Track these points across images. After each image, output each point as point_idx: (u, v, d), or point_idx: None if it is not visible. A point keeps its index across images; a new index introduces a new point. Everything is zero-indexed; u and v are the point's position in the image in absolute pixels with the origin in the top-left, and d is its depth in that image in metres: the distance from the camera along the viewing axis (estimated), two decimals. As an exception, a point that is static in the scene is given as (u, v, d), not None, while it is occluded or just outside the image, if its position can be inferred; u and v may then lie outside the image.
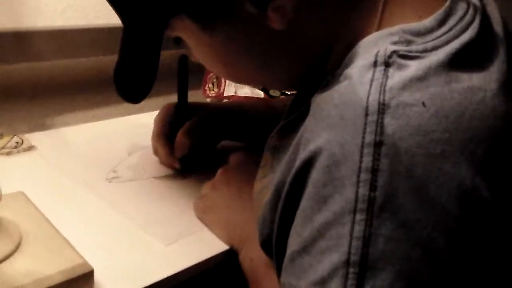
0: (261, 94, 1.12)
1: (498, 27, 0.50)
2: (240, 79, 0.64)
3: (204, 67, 0.87)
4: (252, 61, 0.56)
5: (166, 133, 0.81)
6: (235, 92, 1.11)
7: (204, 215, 0.70)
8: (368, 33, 0.48)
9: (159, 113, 0.84)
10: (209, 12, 0.52)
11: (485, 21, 0.48)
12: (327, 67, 0.54)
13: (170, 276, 0.60)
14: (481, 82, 0.43)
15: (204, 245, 0.66)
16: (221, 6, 0.51)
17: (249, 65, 0.57)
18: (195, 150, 0.81)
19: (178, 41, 0.58)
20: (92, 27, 1.00)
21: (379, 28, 0.48)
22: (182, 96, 0.83)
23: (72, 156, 0.83)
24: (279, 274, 0.47)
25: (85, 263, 0.54)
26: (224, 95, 1.11)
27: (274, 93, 1.12)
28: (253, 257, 0.61)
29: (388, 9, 0.49)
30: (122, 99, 0.63)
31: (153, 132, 0.82)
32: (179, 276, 0.61)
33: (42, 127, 0.93)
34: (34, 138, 0.86)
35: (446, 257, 0.39)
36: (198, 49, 0.58)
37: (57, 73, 0.99)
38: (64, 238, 0.58)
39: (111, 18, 0.91)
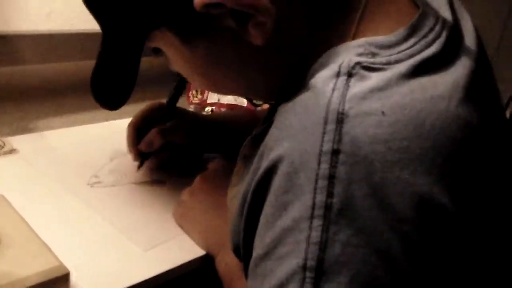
0: (244, 102, 1.13)
1: (470, 41, 0.51)
2: (219, 90, 0.65)
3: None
4: (231, 74, 0.57)
5: (138, 125, 0.82)
6: (219, 100, 1.12)
7: (182, 221, 0.71)
8: None
9: (143, 107, 0.85)
10: (189, 26, 0.53)
11: (455, 34, 0.49)
12: (302, 80, 0.55)
13: (146, 280, 0.61)
14: (446, 91, 0.44)
15: (182, 250, 0.66)
16: (202, 20, 0.51)
17: (228, 78, 0.57)
18: (175, 157, 0.82)
19: (156, 51, 0.59)
20: (77, 32, 1.01)
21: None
22: (173, 100, 0.84)
23: (54, 160, 0.84)
24: (247, 279, 0.48)
25: (62, 266, 0.55)
26: (208, 102, 1.12)
27: (258, 101, 1.14)
28: (228, 262, 0.62)
29: (363, 25, 0.50)
30: (101, 106, 0.64)
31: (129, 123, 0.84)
32: (155, 280, 0.62)
33: (25, 130, 0.93)
34: (16, 141, 0.86)
35: (402, 263, 0.39)
36: (177, 60, 0.59)
37: (40, 77, 1.00)
38: (42, 241, 0.58)
39: (96, 24, 0.93)
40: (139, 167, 0.82)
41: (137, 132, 0.82)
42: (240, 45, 0.52)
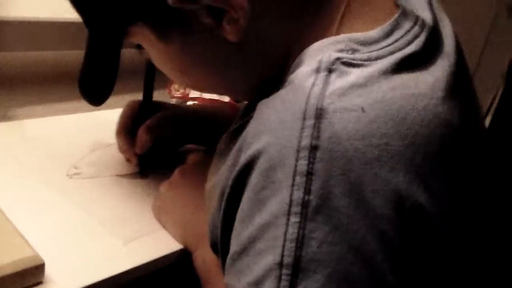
0: (226, 97, 1.13)
1: (449, 43, 0.52)
2: (197, 88, 0.65)
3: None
4: (208, 71, 0.57)
5: (129, 128, 0.81)
6: (201, 94, 1.11)
7: (159, 214, 0.70)
8: None
9: (123, 109, 0.84)
10: (164, 21, 0.53)
11: (435, 36, 0.50)
12: (283, 78, 0.55)
13: (123, 272, 0.60)
14: (427, 90, 0.44)
15: (159, 244, 0.66)
16: (176, 16, 0.51)
17: (206, 75, 0.57)
18: (156, 149, 0.81)
19: (140, 46, 0.59)
20: (63, 21, 1.00)
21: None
22: (147, 93, 0.83)
23: (32, 149, 0.82)
24: (224, 275, 0.48)
25: (36, 256, 0.55)
26: (190, 96, 1.11)
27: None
28: (206, 258, 0.62)
29: (345, 21, 0.50)
30: (86, 101, 0.64)
31: (116, 128, 0.83)
32: (132, 272, 0.61)
33: (3, 118, 0.91)
34: (-5, 128, 0.85)
35: (379, 260, 0.40)
36: (156, 56, 0.59)
37: (22, 65, 0.99)
38: (17, 231, 0.57)
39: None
40: (142, 172, 0.81)
41: (130, 136, 0.81)
42: (216, 42, 0.52)
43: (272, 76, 0.55)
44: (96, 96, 0.64)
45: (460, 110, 0.46)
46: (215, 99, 1.12)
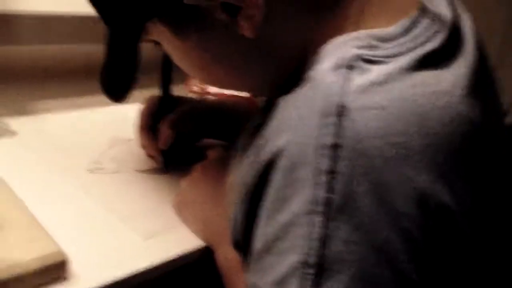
0: (245, 93, 1.12)
1: (469, 39, 0.50)
2: (215, 84, 0.64)
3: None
4: (225, 67, 0.56)
5: (150, 125, 0.81)
6: (219, 89, 1.11)
7: (180, 210, 0.70)
8: None
9: (143, 105, 0.84)
10: (180, 18, 0.52)
11: (455, 33, 0.49)
12: (302, 74, 0.54)
13: (145, 270, 0.60)
14: (449, 87, 0.43)
15: (182, 241, 0.66)
16: (192, 13, 0.51)
17: (223, 71, 0.57)
18: (177, 144, 0.81)
19: (158, 44, 0.59)
20: (79, 15, 1.00)
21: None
22: (165, 88, 0.83)
23: (53, 144, 0.83)
24: (247, 274, 0.47)
25: (60, 252, 0.55)
26: (208, 90, 1.11)
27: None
28: (229, 255, 0.61)
29: (362, 18, 0.49)
30: (107, 98, 0.64)
31: (137, 125, 0.82)
32: (154, 270, 0.61)
33: (22, 112, 0.92)
34: (15, 123, 0.85)
35: (403, 260, 0.39)
36: (173, 53, 0.59)
37: (41, 59, 0.99)
38: (41, 226, 0.57)
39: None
40: (166, 166, 0.81)
41: (151, 133, 0.81)
42: (233, 38, 0.52)
43: (291, 71, 0.54)
44: (117, 92, 0.64)
45: (481, 108, 0.45)
46: (233, 94, 1.11)
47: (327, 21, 0.50)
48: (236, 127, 0.83)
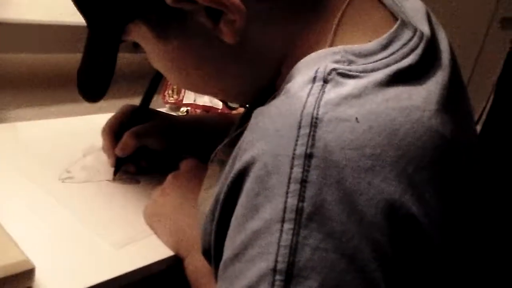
0: (219, 104, 1.13)
1: (445, 55, 0.52)
2: (192, 89, 0.65)
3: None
4: (203, 72, 0.57)
5: (115, 129, 0.81)
6: (194, 100, 1.11)
7: (151, 220, 0.70)
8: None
9: (116, 111, 0.84)
10: (162, 20, 0.53)
11: (432, 48, 0.50)
12: (277, 83, 0.55)
13: (114, 278, 0.60)
14: (421, 103, 0.45)
15: (151, 250, 0.66)
16: (174, 15, 0.52)
17: (201, 76, 0.58)
18: (138, 157, 0.81)
19: (137, 45, 0.60)
20: (56, 24, 0.99)
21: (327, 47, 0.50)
22: (146, 100, 0.83)
23: (24, 152, 0.82)
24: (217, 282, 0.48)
25: (27, 261, 0.54)
26: (183, 102, 1.12)
27: (233, 104, 1.13)
28: (197, 265, 0.61)
29: (340, 31, 0.51)
30: (82, 98, 0.64)
31: (102, 127, 0.82)
32: (123, 278, 0.61)
33: (-4, 120, 0.91)
34: (-14, 131, 0.85)
35: (372, 269, 0.40)
36: (154, 56, 0.59)
37: (15, 67, 0.98)
38: (8, 234, 0.57)
39: (76, 17, 0.91)
40: (115, 173, 0.81)
41: (114, 137, 0.80)
42: (213, 43, 0.52)
43: (266, 81, 0.56)
44: (93, 92, 0.64)
45: (453, 123, 0.47)
46: (209, 106, 1.12)
47: (305, 31, 0.52)
48: (212, 143, 0.84)
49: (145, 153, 0.82)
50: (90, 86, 0.64)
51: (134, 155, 0.80)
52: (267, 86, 0.56)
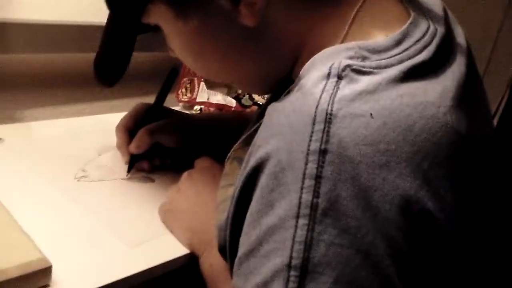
0: (233, 102, 1.13)
1: (461, 50, 0.52)
2: (209, 74, 0.64)
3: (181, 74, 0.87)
4: (222, 54, 0.57)
5: (129, 127, 0.81)
6: (208, 99, 1.11)
7: (167, 218, 0.70)
8: (333, 45, 0.49)
9: (130, 110, 0.84)
10: (182, 0, 0.54)
11: (447, 44, 0.50)
12: (292, 75, 0.55)
13: (129, 276, 0.60)
14: (436, 99, 0.44)
15: (166, 248, 0.66)
16: None
17: (218, 60, 0.58)
18: (152, 154, 0.81)
19: (156, 29, 0.60)
20: (69, 24, 1.00)
21: (343, 41, 0.50)
22: (160, 98, 0.84)
23: (40, 152, 0.83)
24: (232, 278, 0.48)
25: (44, 259, 0.54)
26: (197, 100, 1.12)
27: (246, 102, 1.13)
28: (213, 262, 0.61)
29: (356, 24, 0.51)
30: (98, 82, 0.66)
31: (117, 124, 0.83)
32: (138, 277, 0.61)
33: (11, 119, 0.92)
34: (2, 130, 0.85)
35: (386, 264, 0.40)
36: (172, 37, 0.59)
37: (30, 67, 0.99)
38: (25, 233, 0.57)
39: (86, 16, 0.92)
40: (129, 170, 0.81)
41: (128, 134, 0.81)
42: (232, 25, 0.53)
43: (282, 72, 0.56)
44: (110, 75, 0.65)
45: (468, 119, 0.46)
46: (222, 104, 1.12)
47: (323, 24, 0.52)
48: (225, 141, 0.84)
49: (159, 151, 0.82)
50: (108, 68, 0.65)
51: (148, 153, 0.80)
52: (282, 77, 0.57)
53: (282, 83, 0.55)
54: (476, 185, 0.47)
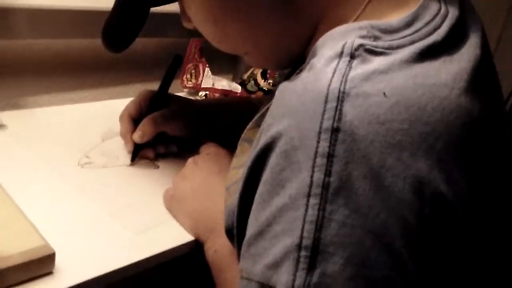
0: (238, 88, 1.12)
1: (476, 36, 0.50)
2: (226, 44, 0.61)
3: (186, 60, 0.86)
4: (240, 24, 0.56)
5: (133, 115, 0.81)
6: (213, 85, 1.10)
7: (171, 204, 0.70)
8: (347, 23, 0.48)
9: (134, 97, 0.83)
10: None
11: (459, 28, 0.49)
12: (306, 52, 0.54)
13: (132, 264, 0.60)
14: (449, 80, 0.44)
15: (170, 235, 0.66)
16: None
17: (237, 29, 0.56)
18: (157, 143, 0.80)
19: None
20: (71, 9, 0.99)
21: (357, 20, 0.49)
22: (164, 85, 0.83)
23: (44, 138, 0.82)
24: (239, 260, 0.47)
25: (47, 246, 0.54)
26: (202, 86, 1.11)
27: (252, 87, 1.12)
28: (218, 248, 0.61)
29: (368, 7, 0.50)
30: (105, 45, 0.66)
31: (121, 113, 0.82)
32: (142, 264, 0.61)
33: (14, 106, 0.91)
34: (5, 116, 0.84)
35: (398, 245, 0.39)
36: (191, 4, 0.58)
37: (33, 53, 0.98)
38: (28, 220, 0.57)
39: (90, 2, 0.91)
40: (133, 159, 0.80)
41: (132, 123, 0.80)
42: None
43: (298, 47, 0.55)
44: (120, 40, 0.65)
45: (482, 103, 0.46)
46: (227, 90, 1.11)
47: (341, 2, 0.51)
48: (232, 127, 0.83)
49: (164, 138, 0.81)
50: (118, 33, 0.65)
51: (152, 141, 0.80)
52: (298, 54, 0.56)
53: (295, 63, 0.54)
54: (488, 169, 0.46)
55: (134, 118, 0.80)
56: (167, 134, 0.81)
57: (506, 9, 1.70)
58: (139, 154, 0.80)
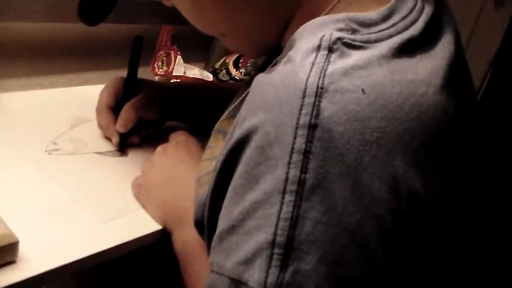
0: (210, 76, 1.11)
1: (450, 32, 0.51)
2: (204, 26, 0.60)
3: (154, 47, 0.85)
4: (220, 6, 0.54)
5: (111, 105, 0.80)
6: (184, 73, 1.09)
7: (139, 193, 0.69)
8: (325, 14, 0.48)
9: (105, 85, 0.82)
10: None
11: (434, 23, 0.49)
12: (282, 43, 0.53)
13: (98, 253, 0.59)
14: (426, 77, 0.44)
15: (139, 224, 0.65)
16: None
17: (217, 11, 0.55)
18: (136, 129, 0.80)
19: None
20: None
21: (333, 9, 0.49)
22: (132, 71, 0.82)
23: (10, 124, 0.80)
24: (209, 254, 0.47)
25: (10, 234, 0.53)
26: (173, 74, 1.10)
27: (223, 76, 1.12)
28: (186, 239, 0.60)
29: (342, 2, 0.49)
30: (81, 19, 0.65)
31: (97, 104, 0.81)
32: (108, 253, 0.60)
33: (-21, 91, 0.89)
34: (-30, 102, 0.83)
35: (373, 244, 0.39)
36: None
37: (1, 36, 0.96)
38: (-9, 207, 0.56)
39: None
40: (121, 149, 0.79)
41: (113, 113, 0.79)
42: None
43: (274, 35, 0.55)
44: (95, 13, 0.64)
45: (456, 99, 0.46)
46: (199, 79, 1.10)
47: None
48: (202, 110, 0.82)
49: (142, 123, 0.81)
50: (94, 6, 0.64)
51: (134, 127, 0.79)
52: (274, 42, 0.55)
53: (270, 54, 0.53)
54: (461, 165, 0.47)
55: (113, 108, 0.79)
56: (144, 119, 0.80)
57: (480, 4, 1.72)
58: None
